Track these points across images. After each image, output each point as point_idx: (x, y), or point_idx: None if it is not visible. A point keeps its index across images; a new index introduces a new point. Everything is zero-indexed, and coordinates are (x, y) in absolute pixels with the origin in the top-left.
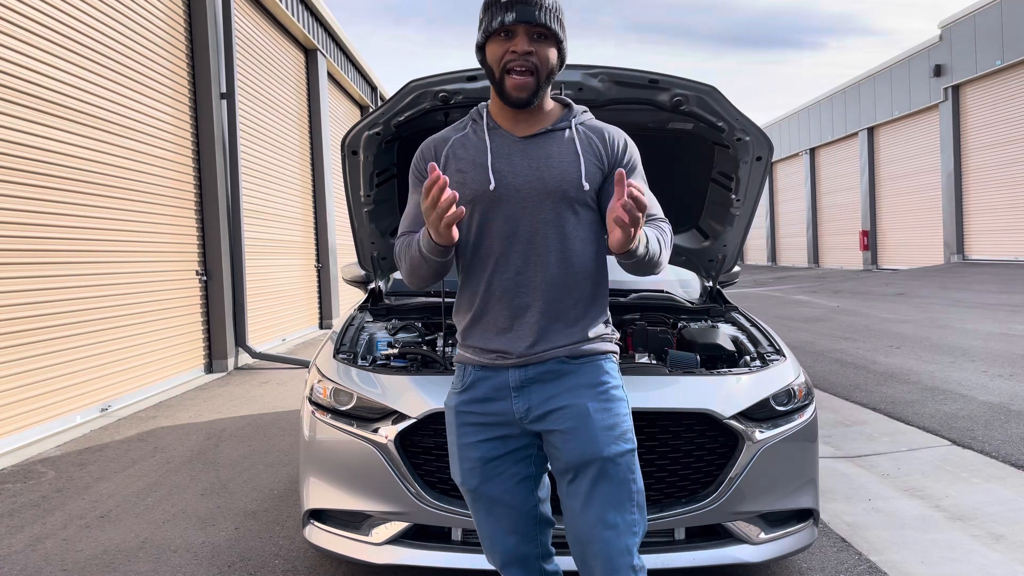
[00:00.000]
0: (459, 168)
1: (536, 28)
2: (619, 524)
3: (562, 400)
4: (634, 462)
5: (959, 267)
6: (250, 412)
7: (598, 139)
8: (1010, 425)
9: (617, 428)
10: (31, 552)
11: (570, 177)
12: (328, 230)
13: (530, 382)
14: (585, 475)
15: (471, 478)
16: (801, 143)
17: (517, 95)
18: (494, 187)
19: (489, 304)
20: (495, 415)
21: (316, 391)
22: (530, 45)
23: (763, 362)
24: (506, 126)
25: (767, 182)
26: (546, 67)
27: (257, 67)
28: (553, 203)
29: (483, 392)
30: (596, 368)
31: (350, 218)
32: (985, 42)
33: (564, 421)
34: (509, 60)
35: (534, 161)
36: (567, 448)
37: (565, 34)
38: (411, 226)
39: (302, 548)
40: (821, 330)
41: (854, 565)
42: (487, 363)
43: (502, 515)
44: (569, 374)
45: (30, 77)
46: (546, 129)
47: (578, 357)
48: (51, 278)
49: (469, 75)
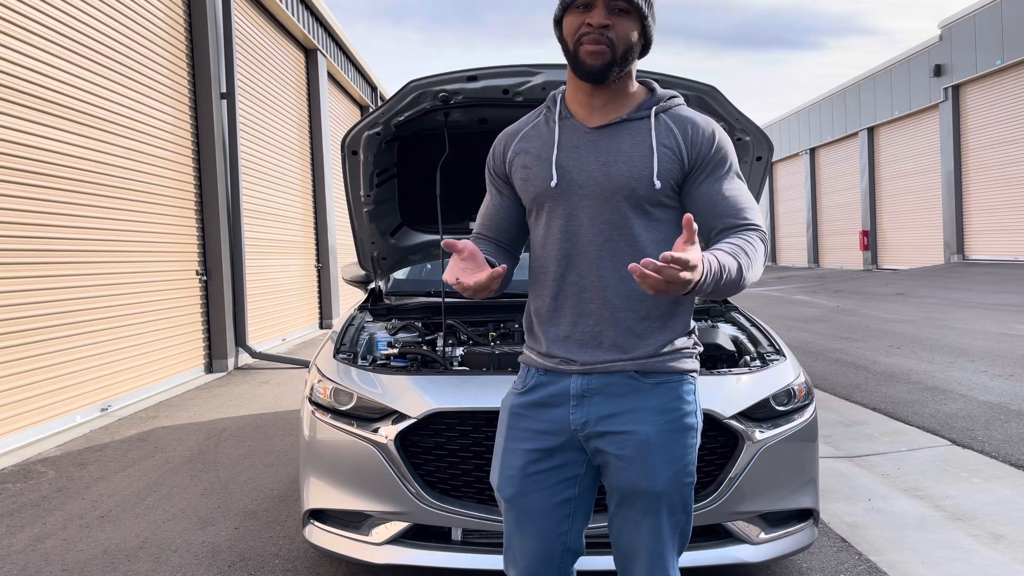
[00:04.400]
0: (524, 164)
1: (616, 2)
2: (664, 554)
3: (625, 424)
4: (690, 496)
5: (959, 267)
6: (250, 412)
7: (680, 130)
8: (1010, 425)
9: (679, 461)
10: (31, 552)
11: (640, 173)
12: (328, 230)
13: (592, 393)
14: (635, 504)
15: (508, 487)
16: (801, 143)
17: (591, 64)
18: (556, 183)
19: (552, 307)
20: (550, 422)
21: (316, 391)
22: (608, 18)
23: (763, 362)
24: (579, 115)
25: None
26: (624, 43)
27: (257, 67)
28: (620, 201)
29: (541, 396)
30: (669, 391)
31: (350, 218)
32: (985, 42)
33: (623, 447)
34: (584, 32)
35: (603, 155)
36: (620, 475)
37: (652, 13)
38: (481, 228)
39: (302, 548)
40: (821, 330)
41: (854, 565)
42: (550, 367)
43: (530, 531)
44: (637, 393)
45: (30, 77)
46: (620, 119)
47: (649, 374)
48: (51, 278)
49: (469, 75)
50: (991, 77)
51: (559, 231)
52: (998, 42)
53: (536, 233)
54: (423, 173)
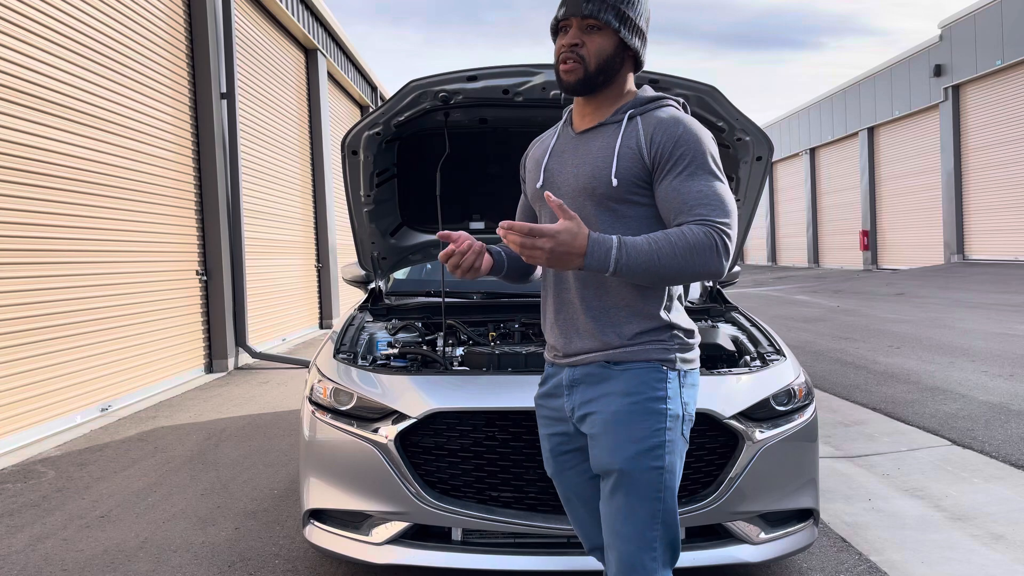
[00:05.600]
0: (528, 168)
1: (586, 20)
2: (631, 536)
3: (596, 406)
4: (661, 480)
5: (959, 267)
6: (250, 412)
7: (645, 131)
8: (1010, 425)
9: (644, 442)
10: (31, 552)
11: (600, 173)
12: (328, 230)
13: (576, 383)
14: (607, 482)
15: (548, 467)
16: (801, 143)
17: (566, 79)
18: (540, 185)
19: (546, 298)
20: (556, 410)
21: (316, 391)
22: (578, 37)
23: (763, 362)
24: (575, 122)
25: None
26: (597, 58)
27: (257, 67)
28: (585, 200)
29: (548, 388)
30: (636, 376)
31: (350, 218)
32: (985, 42)
33: (593, 427)
34: (561, 52)
35: (578, 157)
36: (592, 454)
37: (633, 27)
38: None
39: (302, 548)
40: (821, 330)
41: (854, 565)
42: (551, 360)
43: (577, 507)
44: (609, 380)
45: (30, 77)
46: (598, 124)
47: (619, 363)
48: (51, 278)
49: (469, 75)
50: (991, 77)
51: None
52: (998, 42)
53: None
54: (423, 173)
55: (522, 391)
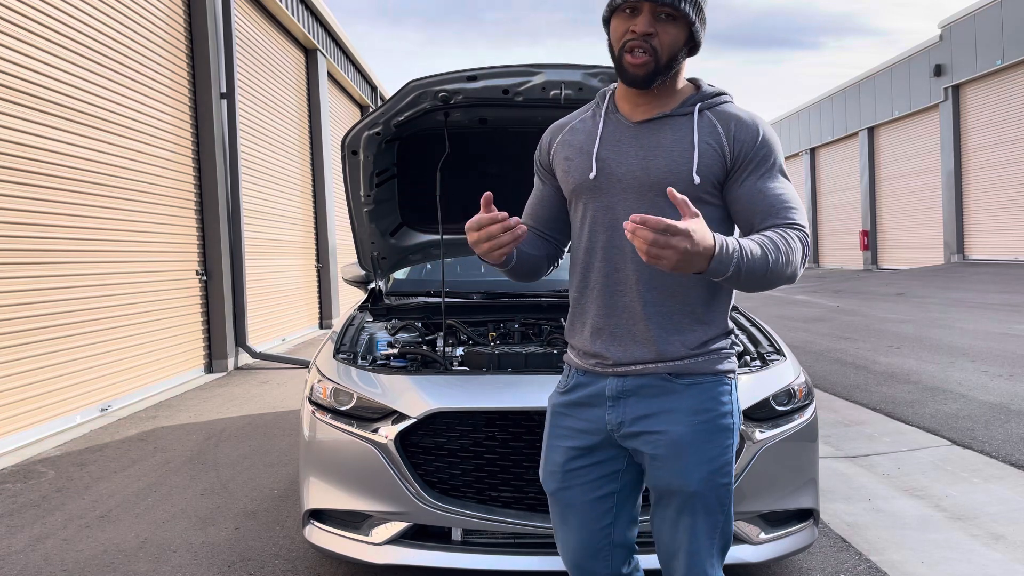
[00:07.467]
0: (567, 156)
1: (662, 7)
2: (697, 551)
3: (658, 424)
4: (727, 496)
5: (959, 267)
6: (250, 412)
7: (723, 127)
8: (1010, 425)
9: (714, 462)
10: (31, 552)
11: (679, 168)
12: (328, 230)
13: (627, 394)
14: (670, 503)
15: (551, 481)
16: (801, 143)
17: (634, 72)
18: (594, 176)
19: (587, 300)
20: (588, 421)
21: (316, 391)
22: (652, 25)
23: (763, 362)
24: (625, 110)
25: None
26: (668, 51)
27: (257, 67)
28: (658, 196)
29: (580, 396)
30: (703, 391)
31: (350, 218)
32: (985, 42)
33: (657, 447)
34: (628, 39)
35: (643, 149)
36: (655, 474)
37: (702, 16)
38: (525, 218)
39: (302, 548)
40: (821, 330)
41: (854, 565)
42: (588, 369)
43: (574, 525)
44: (671, 394)
45: (30, 77)
46: (664, 114)
47: (683, 376)
48: (51, 278)
49: (469, 75)
50: (991, 77)
51: (598, 223)
52: (998, 42)
53: (575, 225)
54: (423, 173)
55: (522, 391)
